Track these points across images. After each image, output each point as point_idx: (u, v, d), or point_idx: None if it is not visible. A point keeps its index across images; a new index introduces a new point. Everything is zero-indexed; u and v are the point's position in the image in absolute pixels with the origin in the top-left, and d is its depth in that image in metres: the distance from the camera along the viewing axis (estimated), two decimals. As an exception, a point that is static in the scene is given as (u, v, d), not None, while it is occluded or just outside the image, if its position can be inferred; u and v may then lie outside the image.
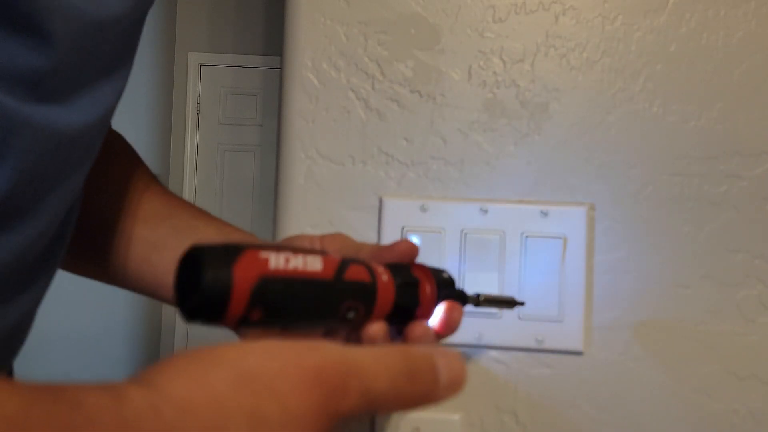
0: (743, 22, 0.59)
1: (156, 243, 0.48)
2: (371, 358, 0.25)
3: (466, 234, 0.58)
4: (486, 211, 0.58)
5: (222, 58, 3.26)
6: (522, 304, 0.49)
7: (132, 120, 3.03)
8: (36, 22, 0.29)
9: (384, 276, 0.37)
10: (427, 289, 0.40)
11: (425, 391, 0.26)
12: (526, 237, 0.58)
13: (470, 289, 0.46)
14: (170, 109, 3.29)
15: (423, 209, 0.59)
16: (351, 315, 0.34)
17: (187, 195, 3.17)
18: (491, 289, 0.57)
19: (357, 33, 0.61)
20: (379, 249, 0.43)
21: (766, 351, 0.57)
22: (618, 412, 0.58)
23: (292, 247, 0.32)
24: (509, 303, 0.48)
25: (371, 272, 0.36)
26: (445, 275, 0.42)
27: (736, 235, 0.58)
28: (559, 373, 0.59)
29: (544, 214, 0.58)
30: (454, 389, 0.26)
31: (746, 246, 0.58)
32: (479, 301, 0.45)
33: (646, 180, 0.59)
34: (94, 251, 0.49)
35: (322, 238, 0.47)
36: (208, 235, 0.49)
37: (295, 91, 0.61)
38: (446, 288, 0.41)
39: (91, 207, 0.48)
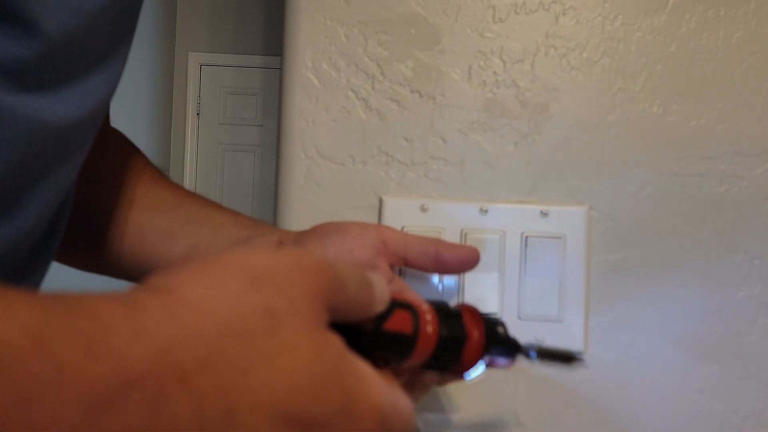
0: (743, 22, 0.59)
1: (169, 231, 0.48)
2: (343, 265, 0.29)
3: (466, 234, 0.58)
4: (486, 211, 0.58)
5: (222, 58, 3.26)
6: (581, 359, 0.41)
7: (132, 120, 3.03)
8: (18, 11, 0.29)
9: (429, 327, 0.33)
10: (473, 347, 0.36)
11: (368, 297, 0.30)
12: (526, 237, 0.58)
13: (471, 294, 0.44)
14: (170, 109, 3.29)
15: (423, 209, 0.59)
16: (381, 364, 0.31)
17: (187, 195, 3.16)
18: (492, 293, 0.57)
19: (357, 33, 0.61)
20: (437, 245, 0.45)
21: (766, 351, 0.57)
22: (618, 412, 0.58)
23: None
24: (567, 358, 0.41)
25: (415, 322, 0.32)
26: (500, 330, 0.38)
27: (736, 235, 0.58)
28: (559, 372, 0.58)
29: (544, 214, 0.58)
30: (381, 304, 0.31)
31: (746, 246, 0.58)
32: (532, 356, 0.40)
33: (646, 180, 0.58)
34: (94, 242, 0.49)
35: (380, 230, 0.47)
36: (223, 222, 0.49)
37: (295, 91, 0.61)
38: (496, 345, 0.37)
39: (91, 198, 0.48)
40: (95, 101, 0.36)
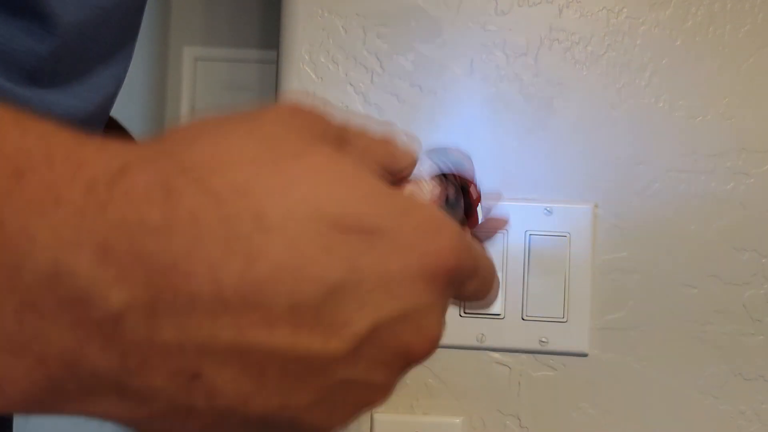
0: (750, 16, 0.58)
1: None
2: None
3: (468, 232, 0.57)
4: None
5: (218, 52, 3.24)
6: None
7: (125, 116, 3.01)
8: (36, 6, 0.30)
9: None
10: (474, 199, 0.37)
11: None
12: (530, 235, 0.57)
13: None
14: (164, 104, 3.28)
15: (424, 207, 0.58)
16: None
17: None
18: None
19: (356, 25, 0.59)
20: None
21: (774, 351, 0.57)
22: (623, 415, 0.57)
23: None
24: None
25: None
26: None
27: (743, 234, 0.57)
28: (563, 374, 0.58)
29: (549, 211, 0.57)
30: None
31: (753, 244, 0.57)
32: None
33: (651, 177, 0.58)
34: None
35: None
36: None
37: (292, 85, 0.60)
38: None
39: None
40: (104, 96, 0.36)
